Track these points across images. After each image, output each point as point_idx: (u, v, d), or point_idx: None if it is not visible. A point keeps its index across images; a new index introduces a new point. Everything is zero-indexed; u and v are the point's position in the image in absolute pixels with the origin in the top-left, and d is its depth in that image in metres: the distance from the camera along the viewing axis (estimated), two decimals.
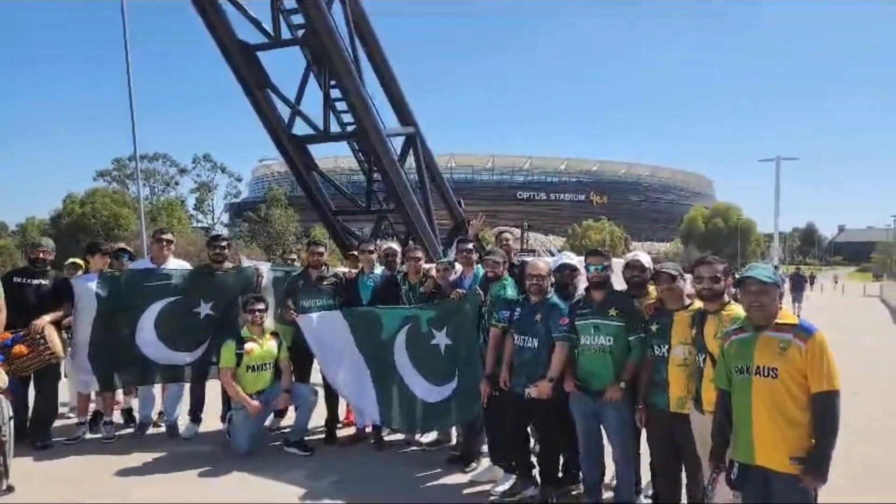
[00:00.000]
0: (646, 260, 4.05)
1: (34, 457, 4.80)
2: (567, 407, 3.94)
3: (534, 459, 4.27)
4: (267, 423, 5.50)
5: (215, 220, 62.59)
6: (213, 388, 5.67)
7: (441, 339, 4.93)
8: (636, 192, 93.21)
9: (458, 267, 5.22)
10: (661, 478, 3.67)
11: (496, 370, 4.26)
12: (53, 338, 4.86)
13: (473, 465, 4.68)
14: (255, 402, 4.96)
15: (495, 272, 4.50)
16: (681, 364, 3.44)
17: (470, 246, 5.13)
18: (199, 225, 56.42)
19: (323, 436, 5.41)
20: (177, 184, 58.22)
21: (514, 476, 4.19)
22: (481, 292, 4.68)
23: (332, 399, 5.44)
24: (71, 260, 5.82)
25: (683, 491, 3.59)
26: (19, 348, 4.66)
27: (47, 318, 4.88)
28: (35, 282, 5.06)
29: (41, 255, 5.16)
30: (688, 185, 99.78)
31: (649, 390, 3.63)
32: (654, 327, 3.63)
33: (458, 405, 4.89)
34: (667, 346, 3.52)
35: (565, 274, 4.16)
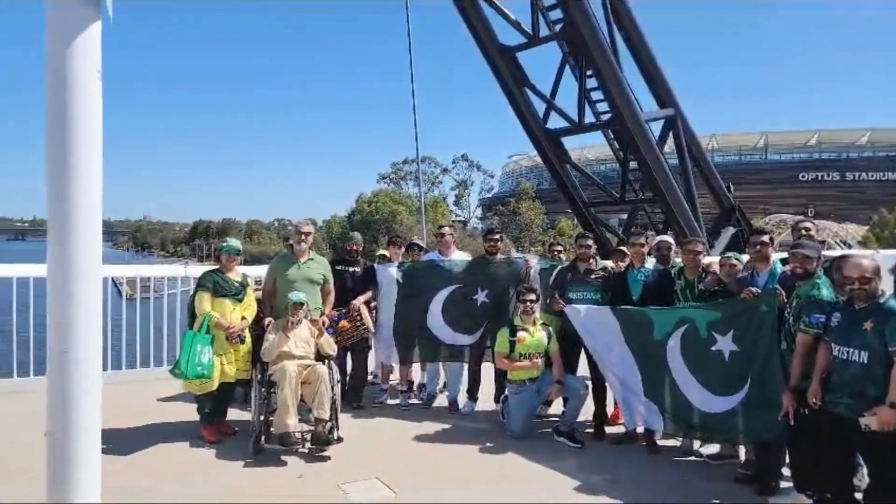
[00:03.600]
0: None
1: (352, 414, 5.83)
2: None
3: (858, 496, 3.51)
4: None
5: (471, 215, 68.52)
6: (486, 371, 6.11)
7: (725, 344, 4.42)
8: None
9: (744, 260, 4.62)
10: None
11: (804, 383, 3.63)
12: (366, 316, 5.84)
13: (773, 488, 4.07)
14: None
15: (806, 268, 3.81)
16: None
17: (766, 238, 4.48)
18: (458, 219, 62.40)
19: (592, 430, 5.37)
20: (440, 182, 65.44)
21: None
22: (782, 291, 4.04)
23: (600, 394, 5.36)
24: (381, 252, 6.95)
25: None
26: (343, 323, 5.73)
27: (361, 298, 5.88)
28: (350, 269, 6.12)
29: (354, 247, 6.24)
30: None
31: None
32: None
33: (747, 419, 4.34)
34: None
35: None
